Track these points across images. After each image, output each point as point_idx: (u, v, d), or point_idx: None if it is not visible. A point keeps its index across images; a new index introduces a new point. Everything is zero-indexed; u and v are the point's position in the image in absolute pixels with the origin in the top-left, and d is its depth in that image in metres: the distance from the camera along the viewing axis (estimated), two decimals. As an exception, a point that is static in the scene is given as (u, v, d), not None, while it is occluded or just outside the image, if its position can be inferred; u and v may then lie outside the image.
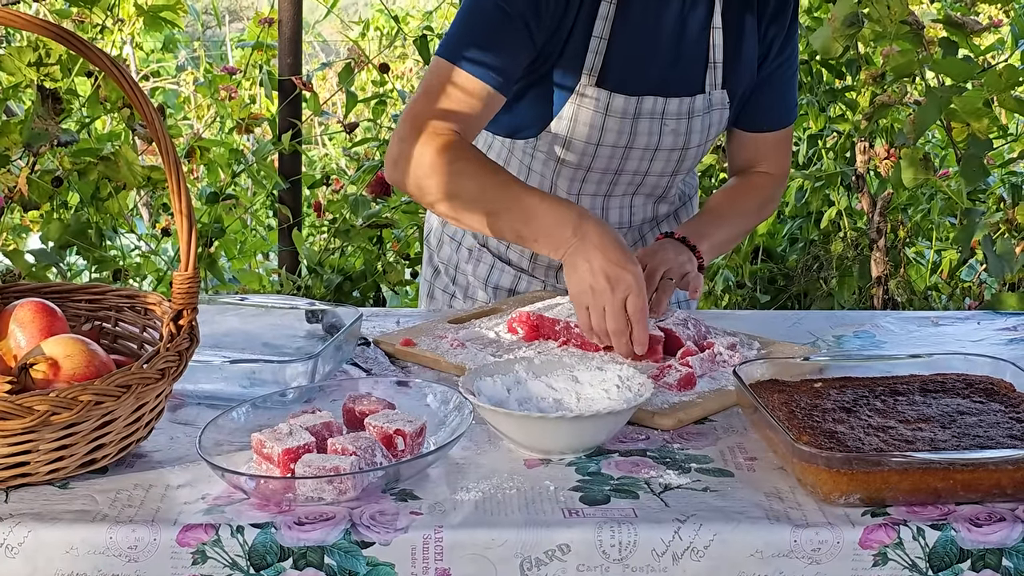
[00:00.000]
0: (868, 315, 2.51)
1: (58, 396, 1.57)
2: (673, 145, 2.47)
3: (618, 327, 2.07)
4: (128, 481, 1.67)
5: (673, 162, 2.50)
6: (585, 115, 2.40)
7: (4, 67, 3.92)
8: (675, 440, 1.84)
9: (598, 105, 2.39)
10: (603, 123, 2.40)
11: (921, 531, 1.56)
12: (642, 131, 2.44)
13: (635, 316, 2.07)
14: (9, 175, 3.74)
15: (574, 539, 1.55)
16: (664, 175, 2.53)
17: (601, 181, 2.51)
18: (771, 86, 2.54)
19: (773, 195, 2.68)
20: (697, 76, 2.44)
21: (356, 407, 1.81)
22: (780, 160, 2.65)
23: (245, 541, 1.54)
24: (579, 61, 2.37)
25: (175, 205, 1.66)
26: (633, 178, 2.52)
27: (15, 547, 1.53)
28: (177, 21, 4.33)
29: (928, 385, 1.90)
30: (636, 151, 2.46)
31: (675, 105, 2.43)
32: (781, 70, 2.54)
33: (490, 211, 2.22)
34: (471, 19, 2.33)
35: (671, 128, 2.44)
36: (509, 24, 2.28)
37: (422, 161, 2.24)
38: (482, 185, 2.23)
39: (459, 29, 2.32)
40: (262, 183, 4.30)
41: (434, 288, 2.79)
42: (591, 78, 2.38)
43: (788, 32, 2.51)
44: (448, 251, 2.74)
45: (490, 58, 2.27)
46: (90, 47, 1.62)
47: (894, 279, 4.30)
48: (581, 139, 2.43)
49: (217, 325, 2.15)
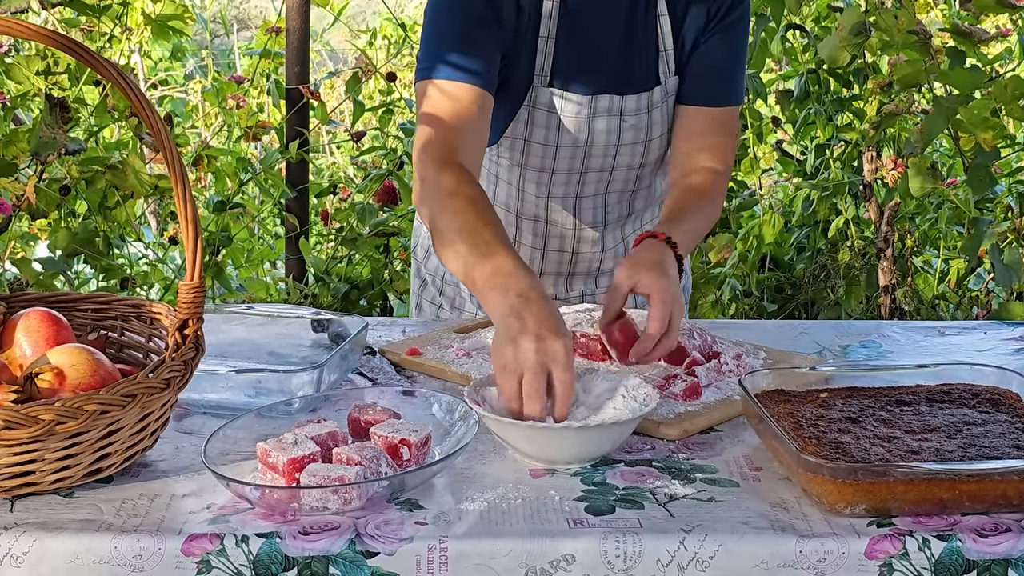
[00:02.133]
0: (874, 325, 2.51)
1: (63, 405, 1.57)
2: (635, 139, 2.46)
3: (532, 389, 1.80)
4: (133, 490, 1.68)
5: (639, 155, 2.49)
6: (540, 117, 2.41)
7: (12, 76, 3.93)
8: (680, 450, 1.84)
9: (551, 106, 2.40)
10: (559, 124, 2.41)
11: (927, 542, 1.56)
12: (600, 128, 2.43)
13: (560, 390, 1.82)
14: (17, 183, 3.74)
15: (579, 549, 1.55)
16: (632, 168, 2.52)
17: (568, 182, 2.50)
18: (710, 57, 2.44)
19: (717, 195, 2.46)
20: (650, 68, 2.43)
21: (361, 417, 1.81)
22: (722, 150, 2.46)
23: (250, 551, 1.54)
24: (531, 63, 2.37)
25: (181, 215, 1.66)
26: (600, 175, 2.50)
27: (20, 556, 1.53)
28: (185, 30, 4.34)
29: (934, 395, 1.89)
30: (597, 148, 2.46)
31: (632, 102, 2.42)
32: (722, 44, 2.44)
33: (457, 252, 2.08)
34: (436, 32, 2.32)
35: (631, 124, 2.44)
36: (474, 24, 2.28)
37: (420, 184, 2.22)
38: (460, 227, 2.10)
39: (428, 46, 2.31)
40: (269, 192, 4.31)
41: (422, 300, 2.79)
42: (542, 79, 2.38)
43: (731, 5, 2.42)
44: (434, 263, 2.75)
45: (466, 61, 2.26)
46: (97, 57, 1.63)
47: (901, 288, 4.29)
48: (539, 142, 2.43)
49: (223, 334, 2.15)
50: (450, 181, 2.16)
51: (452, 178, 2.17)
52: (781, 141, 5.06)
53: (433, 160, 2.21)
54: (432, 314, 2.75)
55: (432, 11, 2.33)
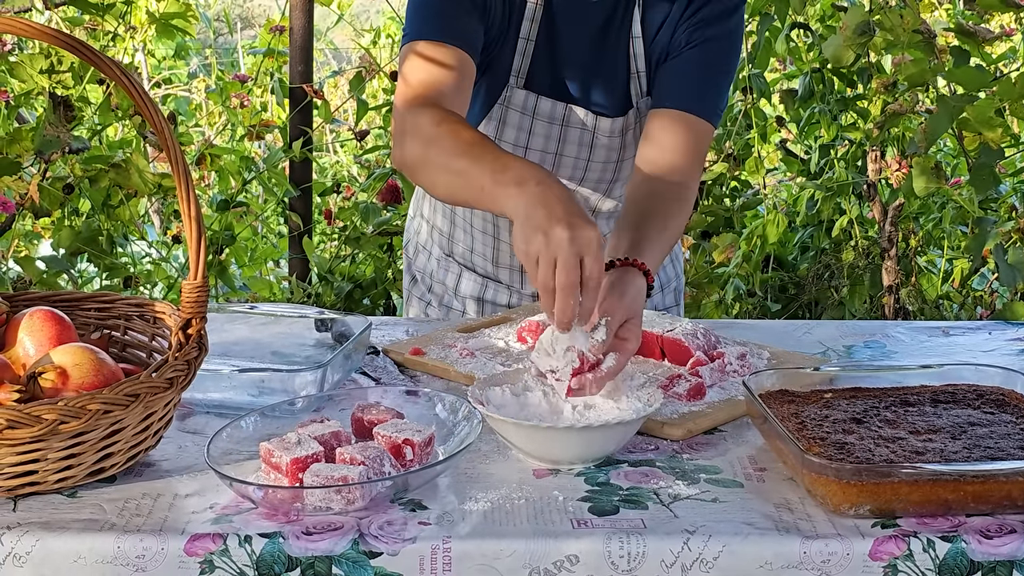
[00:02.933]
0: (879, 325, 2.50)
1: (66, 405, 1.57)
2: (607, 159, 2.47)
3: (569, 280, 1.76)
4: (136, 490, 1.67)
5: (610, 171, 2.50)
6: (513, 117, 2.41)
7: (16, 74, 3.93)
8: (684, 450, 1.84)
9: (525, 107, 2.39)
10: (530, 126, 2.41)
11: (931, 543, 1.56)
12: (572, 140, 2.43)
13: (589, 282, 1.78)
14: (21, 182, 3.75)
15: (583, 550, 1.55)
16: (602, 182, 2.52)
17: None
18: (683, 64, 2.35)
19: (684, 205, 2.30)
20: (622, 88, 2.42)
21: (365, 416, 1.81)
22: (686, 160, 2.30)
23: (253, 551, 1.54)
24: (508, 61, 2.37)
25: (185, 213, 1.66)
26: (568, 183, 2.50)
27: (23, 556, 1.53)
28: (188, 29, 4.34)
29: (939, 396, 1.89)
30: (568, 159, 2.46)
31: (607, 124, 2.42)
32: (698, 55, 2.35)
33: (459, 169, 2.02)
34: (423, 3, 2.30)
35: (603, 143, 2.44)
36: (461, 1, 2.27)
37: (403, 132, 2.16)
38: (452, 143, 2.05)
39: (413, 14, 2.29)
40: (273, 191, 4.31)
41: (412, 296, 2.81)
42: (518, 80, 2.38)
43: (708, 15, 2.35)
44: (423, 260, 2.76)
45: (450, 25, 2.24)
46: (100, 56, 1.62)
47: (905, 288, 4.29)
48: (510, 142, 2.43)
49: (226, 334, 2.15)
50: (433, 117, 2.10)
51: (435, 114, 2.11)
52: (785, 140, 5.06)
53: (411, 109, 2.15)
54: (421, 311, 2.76)
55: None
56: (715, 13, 2.33)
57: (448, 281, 2.69)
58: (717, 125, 2.37)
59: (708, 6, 2.33)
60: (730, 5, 2.35)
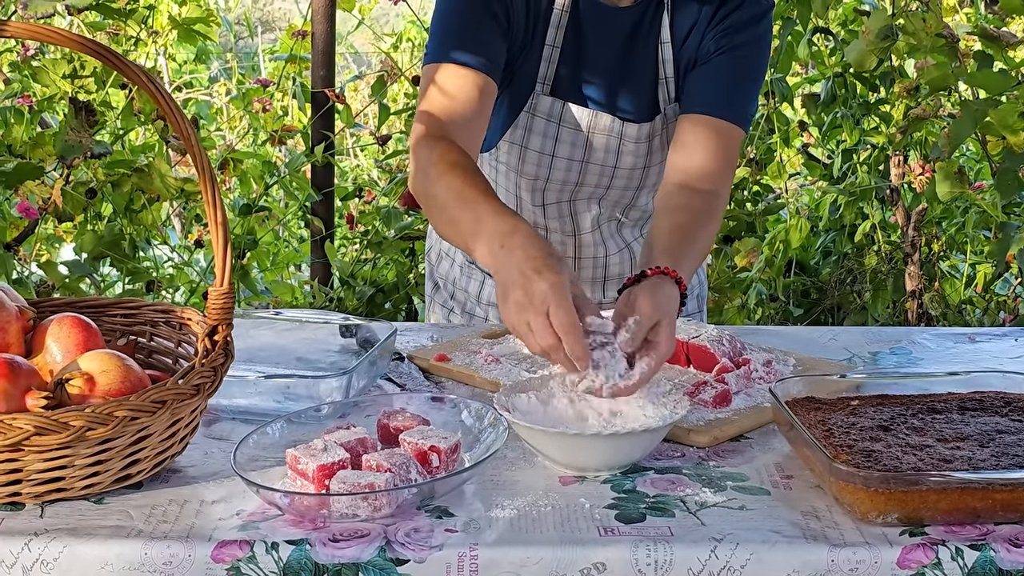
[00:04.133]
0: (904, 331, 2.49)
1: (94, 411, 1.57)
2: (634, 165, 2.46)
3: (547, 343, 1.80)
4: (163, 496, 1.68)
5: (636, 178, 2.49)
6: (539, 125, 2.41)
7: (39, 79, 3.94)
8: (711, 457, 1.83)
9: (551, 114, 2.39)
10: (556, 133, 2.40)
11: (960, 551, 1.55)
12: (598, 146, 2.43)
13: (561, 330, 1.79)
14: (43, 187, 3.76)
15: (610, 557, 1.54)
16: (628, 189, 2.51)
17: (562, 191, 2.50)
18: (712, 70, 2.35)
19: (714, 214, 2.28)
20: (649, 94, 2.41)
21: (391, 423, 1.80)
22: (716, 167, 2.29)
23: (280, 557, 1.54)
24: (534, 69, 2.37)
25: (211, 219, 1.66)
26: (595, 190, 2.50)
27: (50, 562, 1.53)
28: (210, 34, 4.35)
29: (966, 403, 1.88)
30: (594, 166, 2.45)
31: (633, 130, 2.41)
32: (726, 62, 2.34)
33: (450, 218, 2.08)
34: (446, 18, 2.31)
35: (630, 150, 2.43)
36: (483, 15, 2.27)
37: (415, 167, 2.20)
38: (446, 190, 2.09)
39: (436, 32, 2.31)
40: (295, 195, 4.31)
41: (434, 303, 2.80)
42: (544, 87, 2.38)
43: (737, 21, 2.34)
44: (445, 267, 2.75)
45: (472, 47, 2.25)
46: (126, 62, 1.63)
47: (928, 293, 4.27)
48: (536, 149, 2.43)
49: (251, 339, 2.15)
50: (438, 157, 2.14)
51: (440, 154, 2.14)
52: (807, 145, 5.05)
53: (423, 142, 2.19)
54: (444, 317, 2.76)
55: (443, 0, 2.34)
56: (744, 19, 2.33)
57: (471, 288, 2.68)
58: (747, 131, 2.37)
59: (737, 12, 2.33)
60: (759, 11, 2.34)
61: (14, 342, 1.75)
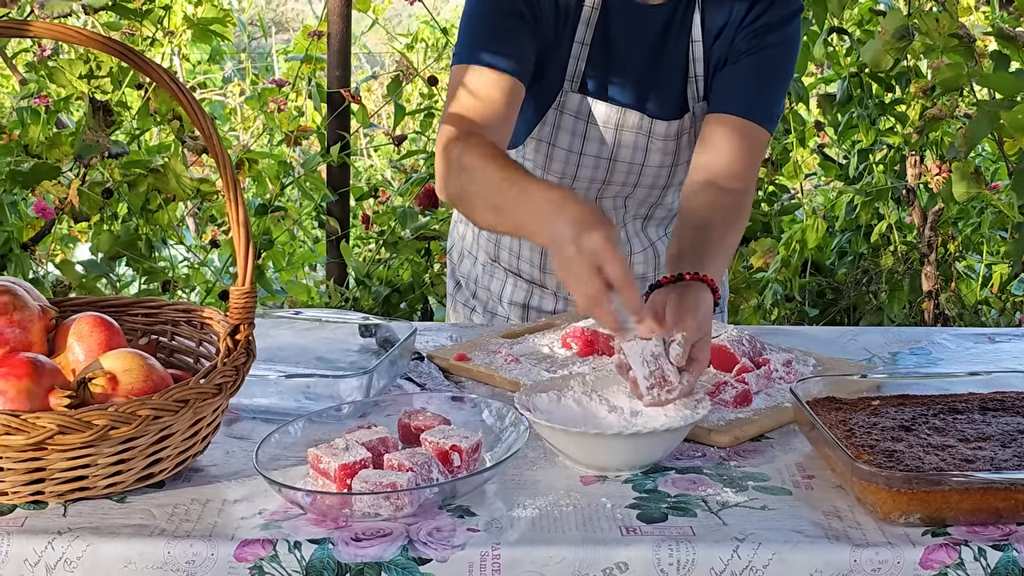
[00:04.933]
0: (924, 332, 2.49)
1: (117, 410, 1.58)
2: (661, 163, 2.45)
3: (594, 292, 1.81)
4: (185, 495, 1.68)
5: (664, 176, 2.49)
6: (567, 122, 2.41)
7: (55, 79, 3.95)
8: (732, 457, 1.83)
9: (579, 111, 2.39)
10: (584, 130, 2.40)
11: (983, 552, 1.55)
12: (627, 144, 2.42)
13: (618, 283, 1.80)
14: (60, 186, 3.77)
15: (632, 557, 1.54)
16: (655, 188, 2.51)
17: (589, 189, 2.50)
18: (741, 70, 2.35)
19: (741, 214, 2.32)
20: (678, 91, 2.41)
21: (412, 422, 1.80)
22: (743, 167, 2.31)
23: (302, 557, 1.54)
24: (563, 66, 2.37)
25: (232, 219, 1.66)
26: (622, 188, 2.50)
27: (74, 561, 1.54)
28: (227, 34, 4.36)
29: (987, 403, 1.88)
30: (622, 164, 2.45)
31: (662, 127, 2.41)
32: (756, 63, 2.35)
33: (495, 204, 2.08)
34: (473, 21, 2.33)
35: (658, 147, 2.43)
36: (510, 16, 2.28)
37: (445, 167, 2.21)
38: (487, 178, 2.10)
39: (465, 33, 2.32)
40: (310, 195, 4.31)
41: (456, 302, 2.80)
42: (573, 83, 2.38)
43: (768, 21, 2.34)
44: (468, 265, 2.75)
45: (501, 48, 2.26)
46: (150, 63, 1.63)
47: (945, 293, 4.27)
48: (564, 147, 2.43)
49: (271, 339, 2.15)
50: (470, 148, 2.16)
51: (471, 145, 2.17)
52: (822, 145, 5.04)
53: (454, 143, 2.20)
54: (466, 316, 2.76)
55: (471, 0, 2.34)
56: (776, 19, 2.33)
57: (493, 287, 2.68)
58: (773, 132, 2.38)
59: (769, 12, 2.32)
60: (789, 11, 2.34)
61: (37, 341, 1.75)
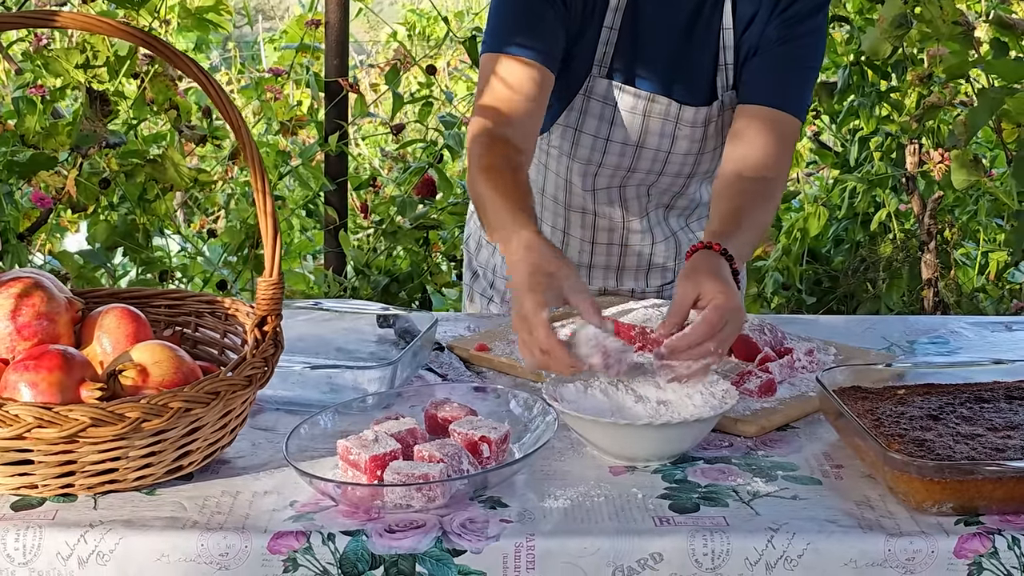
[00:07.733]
0: (941, 320, 2.49)
1: (149, 403, 1.57)
2: (688, 150, 2.45)
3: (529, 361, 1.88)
4: (215, 488, 1.67)
5: (689, 164, 2.49)
6: (595, 108, 2.41)
7: (52, 69, 3.92)
8: (759, 447, 1.83)
9: (607, 97, 2.39)
10: (612, 117, 2.40)
11: (1016, 540, 1.55)
12: (654, 131, 2.42)
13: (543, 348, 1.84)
14: (57, 176, 3.74)
15: (666, 547, 1.54)
16: (680, 176, 2.51)
17: (613, 176, 2.50)
18: (772, 59, 2.35)
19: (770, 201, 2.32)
20: (707, 79, 2.41)
21: (438, 413, 1.80)
22: (775, 156, 2.31)
23: (336, 549, 1.53)
24: (591, 52, 2.37)
25: (260, 210, 1.65)
26: (647, 176, 2.50)
27: (106, 554, 1.53)
28: (223, 23, 4.33)
29: (1012, 392, 1.88)
30: (648, 151, 2.45)
31: (690, 113, 2.41)
32: (786, 52, 2.35)
33: (485, 219, 2.16)
34: (503, 9, 2.34)
35: (685, 134, 2.43)
36: (535, 4, 2.29)
37: (469, 160, 2.25)
38: (490, 206, 2.13)
39: (494, 22, 2.33)
40: (308, 184, 4.29)
41: (473, 292, 2.80)
42: (601, 69, 2.38)
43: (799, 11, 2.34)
44: (486, 255, 2.75)
45: (530, 38, 2.27)
46: (179, 54, 1.62)
47: (943, 281, 4.27)
48: (591, 133, 2.43)
49: (290, 330, 2.12)
50: (488, 158, 2.20)
51: (491, 155, 2.21)
52: (818, 132, 5.04)
53: (476, 139, 2.24)
54: (483, 306, 2.75)
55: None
56: (805, 9, 2.33)
57: None
58: (804, 121, 2.39)
59: (799, 1, 2.33)
60: (818, 1, 2.34)
61: (64, 333, 1.74)
